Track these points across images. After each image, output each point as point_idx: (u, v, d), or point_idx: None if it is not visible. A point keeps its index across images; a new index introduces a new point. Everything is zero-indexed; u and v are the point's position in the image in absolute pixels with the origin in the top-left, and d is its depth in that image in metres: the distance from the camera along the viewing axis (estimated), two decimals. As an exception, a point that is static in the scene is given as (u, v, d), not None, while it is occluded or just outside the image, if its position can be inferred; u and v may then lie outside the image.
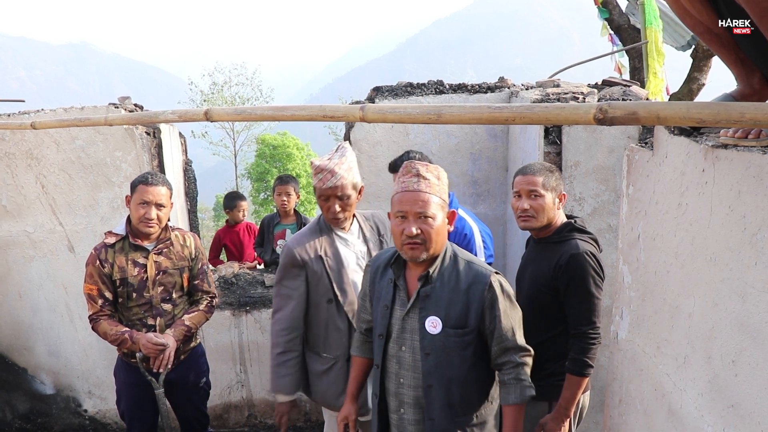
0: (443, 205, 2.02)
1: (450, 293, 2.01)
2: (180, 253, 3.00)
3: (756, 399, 1.17)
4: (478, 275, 2.01)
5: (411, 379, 2.07)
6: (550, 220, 2.42)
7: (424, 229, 1.95)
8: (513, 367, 2.04)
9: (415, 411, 2.08)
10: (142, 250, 2.91)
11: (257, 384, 4.31)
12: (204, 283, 3.09)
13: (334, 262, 2.54)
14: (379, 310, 2.15)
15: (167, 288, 2.95)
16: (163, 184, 2.88)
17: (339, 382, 2.57)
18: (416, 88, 4.01)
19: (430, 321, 2.01)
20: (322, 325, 2.58)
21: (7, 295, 4.19)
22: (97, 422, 4.41)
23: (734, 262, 1.25)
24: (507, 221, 4.04)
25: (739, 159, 1.23)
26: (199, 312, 3.04)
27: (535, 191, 2.38)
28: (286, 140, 26.37)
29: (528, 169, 2.44)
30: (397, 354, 2.09)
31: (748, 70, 1.52)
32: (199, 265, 3.08)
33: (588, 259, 2.30)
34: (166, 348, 2.85)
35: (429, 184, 1.98)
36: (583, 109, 1.17)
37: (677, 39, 7.37)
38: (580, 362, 2.30)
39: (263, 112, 2.00)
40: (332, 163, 2.43)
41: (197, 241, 3.12)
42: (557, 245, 2.40)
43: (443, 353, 2.01)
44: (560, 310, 2.39)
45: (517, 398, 2.03)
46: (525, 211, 2.41)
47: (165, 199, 2.87)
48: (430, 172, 2.01)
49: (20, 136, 3.92)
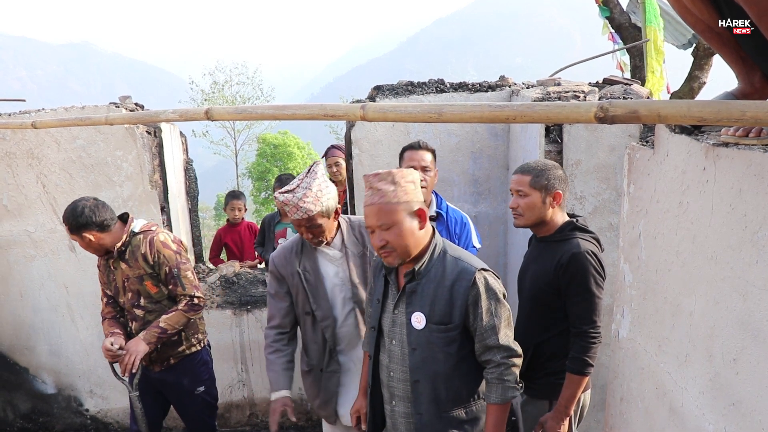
0: (406, 208, 2.00)
1: (435, 289, 2.03)
2: (137, 261, 2.93)
3: (757, 397, 1.17)
4: (463, 272, 2.02)
5: (400, 373, 2.11)
6: (541, 218, 2.42)
7: (389, 238, 1.98)
8: (495, 367, 2.03)
9: (405, 404, 2.12)
10: (113, 257, 2.96)
11: (258, 383, 4.32)
12: (177, 287, 2.96)
13: (313, 277, 2.57)
14: (373, 303, 2.22)
15: (134, 294, 2.96)
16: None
17: (313, 387, 2.69)
18: (417, 87, 4.00)
19: (415, 316, 2.05)
20: (303, 334, 2.69)
21: (9, 295, 4.19)
22: (98, 421, 4.42)
23: (735, 260, 1.24)
24: (508, 220, 4.04)
25: (740, 157, 1.23)
26: (176, 312, 2.94)
27: (521, 190, 2.40)
28: (287, 139, 26.36)
29: (521, 167, 2.46)
30: (389, 347, 2.14)
31: (749, 69, 1.52)
32: (165, 269, 2.94)
33: (589, 258, 2.30)
34: (125, 353, 2.80)
35: (383, 194, 1.98)
36: (584, 107, 1.16)
37: (678, 37, 7.37)
38: (580, 361, 2.30)
39: (264, 111, 2.00)
40: (295, 198, 2.38)
41: (155, 246, 2.94)
42: (558, 244, 2.40)
43: (428, 349, 2.04)
44: (561, 309, 2.39)
45: (497, 398, 2.02)
46: (514, 210, 2.45)
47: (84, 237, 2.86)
48: (384, 180, 2.00)
49: (21, 136, 3.93)
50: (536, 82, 3.96)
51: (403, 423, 2.14)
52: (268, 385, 4.24)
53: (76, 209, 2.79)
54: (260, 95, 32.06)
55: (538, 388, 2.51)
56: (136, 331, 2.97)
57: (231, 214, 5.17)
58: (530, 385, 2.49)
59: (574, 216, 2.51)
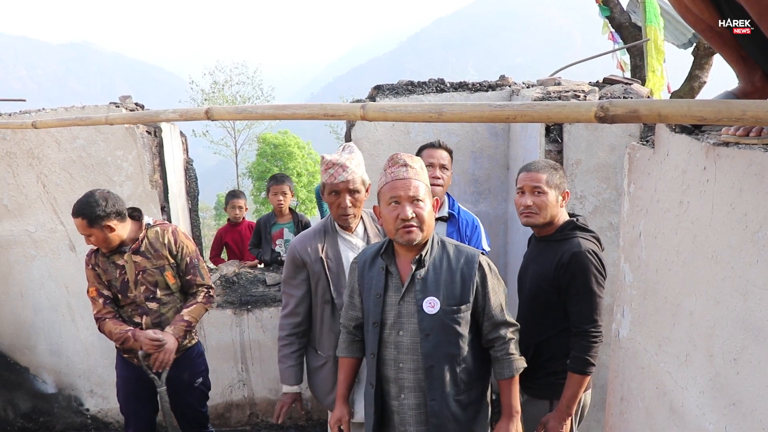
0: (429, 193, 2.15)
1: (444, 273, 2.12)
2: (159, 251, 2.96)
3: (757, 397, 1.17)
4: (468, 256, 2.14)
5: (411, 363, 2.13)
6: (553, 217, 2.42)
7: (418, 212, 2.06)
8: (504, 343, 2.16)
9: (416, 395, 2.14)
10: (119, 253, 2.92)
11: (259, 383, 4.32)
12: (197, 277, 3.06)
13: (335, 265, 2.56)
14: (371, 299, 2.19)
15: (149, 287, 2.94)
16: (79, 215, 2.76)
17: (328, 380, 2.64)
18: (417, 86, 4.00)
19: (428, 301, 2.09)
20: (319, 324, 2.63)
21: (9, 295, 4.19)
22: (98, 421, 4.42)
23: (736, 260, 1.24)
24: (508, 219, 4.04)
25: (741, 157, 1.23)
26: (197, 305, 3.02)
27: (539, 188, 2.38)
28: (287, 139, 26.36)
29: (532, 165, 2.44)
30: (395, 340, 2.14)
31: (749, 68, 1.52)
32: (186, 260, 3.02)
33: (590, 257, 2.30)
34: (164, 344, 2.85)
35: (416, 173, 2.11)
36: (585, 107, 1.16)
37: (678, 37, 7.36)
38: (581, 360, 2.30)
39: (264, 111, 2.00)
40: (343, 157, 2.46)
41: (179, 236, 3.03)
42: (559, 243, 2.39)
43: (443, 332, 2.09)
44: (562, 308, 2.39)
45: (511, 372, 2.16)
46: (528, 208, 2.41)
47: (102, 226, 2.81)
48: (416, 162, 2.15)
49: (21, 136, 3.93)
50: (536, 81, 3.96)
51: (414, 415, 2.15)
52: (268, 385, 4.28)
53: (92, 201, 2.73)
54: (260, 95, 32.07)
55: (539, 388, 2.49)
56: (147, 325, 2.94)
57: (231, 213, 5.17)
58: (531, 384, 2.49)
59: (574, 215, 2.51)
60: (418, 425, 2.16)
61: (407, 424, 2.16)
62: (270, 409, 4.36)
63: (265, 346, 4.21)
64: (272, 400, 4.33)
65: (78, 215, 2.74)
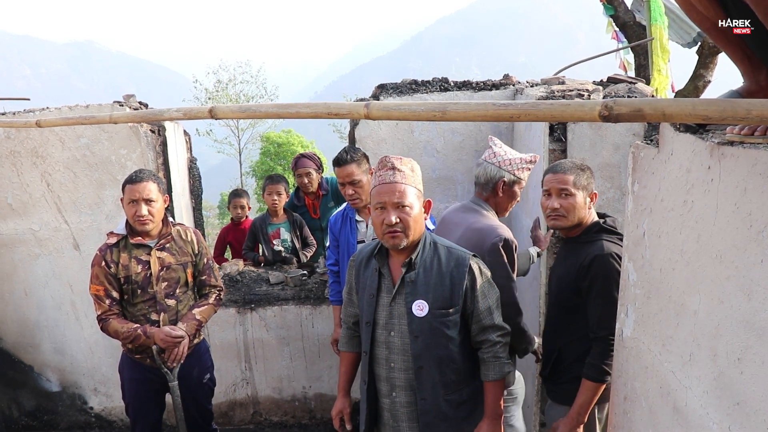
0: (419, 195, 2.13)
1: (434, 277, 2.12)
2: (183, 248, 3.02)
3: (761, 397, 1.17)
4: (459, 259, 2.13)
5: (401, 363, 2.15)
6: (581, 219, 2.34)
7: (403, 217, 2.06)
8: (491, 346, 2.16)
9: (407, 393, 2.17)
10: (144, 248, 2.93)
11: (262, 382, 4.32)
12: (211, 278, 3.13)
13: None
14: (365, 299, 2.23)
15: (171, 284, 2.96)
16: (149, 179, 2.85)
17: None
18: (421, 85, 4.00)
19: (417, 305, 2.11)
20: None
21: (13, 293, 4.21)
22: (102, 419, 4.43)
23: (740, 259, 1.24)
24: (511, 219, 4.03)
25: (746, 156, 1.23)
26: (208, 305, 3.08)
27: (566, 190, 2.30)
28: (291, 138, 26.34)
29: (559, 167, 2.35)
30: (387, 340, 2.17)
31: (754, 67, 1.51)
32: (204, 260, 3.10)
33: (612, 261, 2.21)
34: (183, 339, 2.89)
35: (404, 176, 2.09)
36: (589, 106, 1.16)
37: (683, 36, 7.34)
38: (597, 368, 2.21)
39: (268, 110, 2.00)
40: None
41: (199, 236, 3.13)
42: (584, 246, 2.32)
43: (431, 335, 2.11)
44: (584, 312, 2.31)
45: (496, 375, 2.16)
46: (555, 210, 2.32)
47: (154, 193, 2.85)
48: (405, 164, 2.12)
49: (25, 135, 3.94)
50: (540, 80, 3.95)
51: (405, 412, 2.18)
52: (271, 384, 4.29)
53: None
54: (264, 94, 32.04)
55: (561, 393, 2.42)
56: (164, 323, 2.93)
57: (234, 212, 5.17)
58: (554, 389, 2.43)
59: (604, 216, 2.42)
60: (410, 422, 2.19)
61: (399, 421, 2.20)
62: (273, 408, 4.36)
63: (268, 345, 4.22)
64: (276, 399, 4.34)
65: (151, 179, 2.87)
